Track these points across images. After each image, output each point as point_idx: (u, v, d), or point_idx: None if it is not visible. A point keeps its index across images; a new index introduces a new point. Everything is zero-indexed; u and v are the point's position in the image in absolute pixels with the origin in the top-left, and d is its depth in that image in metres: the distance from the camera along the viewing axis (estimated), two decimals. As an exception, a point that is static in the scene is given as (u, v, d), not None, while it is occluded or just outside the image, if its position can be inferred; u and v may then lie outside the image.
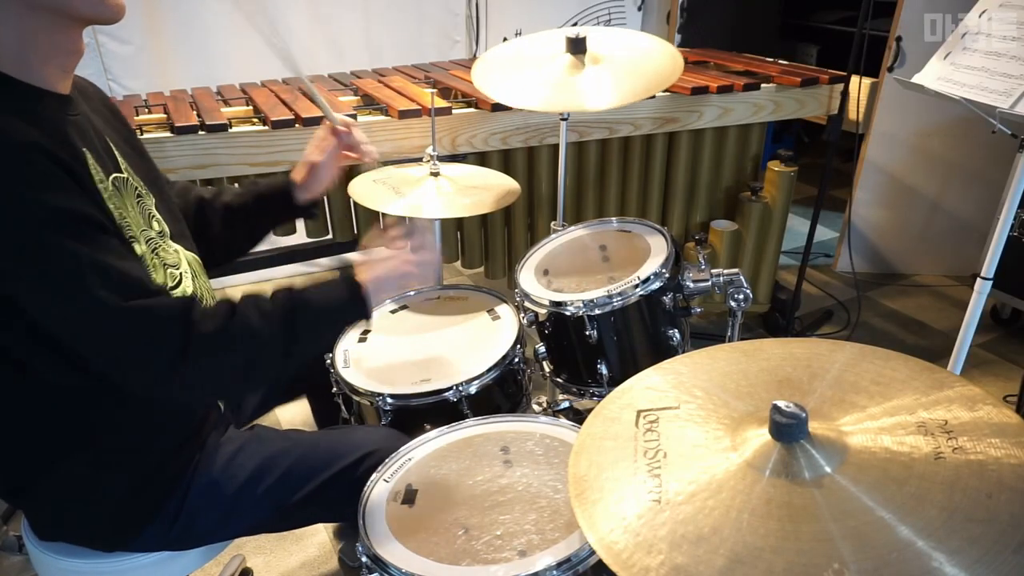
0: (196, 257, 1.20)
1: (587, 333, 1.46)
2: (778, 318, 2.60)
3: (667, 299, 1.48)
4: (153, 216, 1.10)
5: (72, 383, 1.01)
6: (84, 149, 0.97)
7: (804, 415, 0.74)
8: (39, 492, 1.09)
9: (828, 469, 0.73)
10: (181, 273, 1.12)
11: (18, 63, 0.93)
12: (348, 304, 1.10)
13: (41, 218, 0.87)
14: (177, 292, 1.09)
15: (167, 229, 1.13)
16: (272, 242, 1.93)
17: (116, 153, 1.07)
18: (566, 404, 1.55)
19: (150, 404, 1.08)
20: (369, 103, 2.12)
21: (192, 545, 1.19)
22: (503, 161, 2.13)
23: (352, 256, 1.17)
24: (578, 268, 1.62)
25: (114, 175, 1.03)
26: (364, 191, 1.69)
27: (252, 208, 1.37)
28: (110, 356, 0.93)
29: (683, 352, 1.27)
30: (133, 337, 0.92)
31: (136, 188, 1.08)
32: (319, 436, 1.28)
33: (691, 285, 1.51)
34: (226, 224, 1.35)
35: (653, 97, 2.15)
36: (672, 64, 1.65)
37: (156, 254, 1.06)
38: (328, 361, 1.47)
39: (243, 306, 1.01)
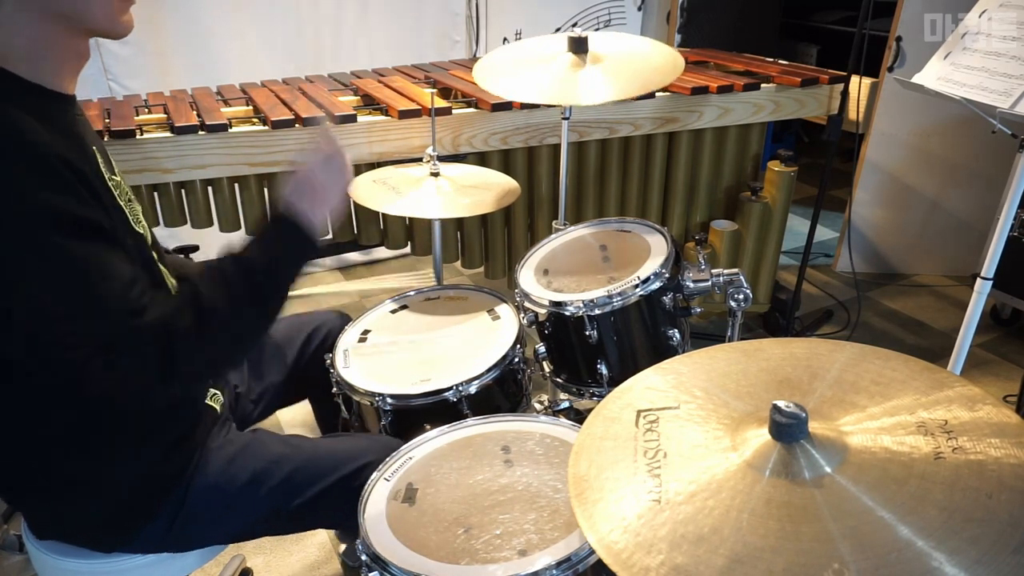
0: None
1: (587, 333, 1.46)
2: (778, 318, 2.60)
3: (667, 299, 1.48)
4: (139, 222, 1.11)
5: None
6: (93, 148, 0.99)
7: (804, 415, 0.74)
8: (36, 491, 1.09)
9: (828, 469, 0.73)
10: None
11: (31, 66, 0.95)
12: (292, 240, 1.05)
13: (38, 220, 0.87)
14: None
15: (148, 236, 1.14)
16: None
17: (108, 156, 1.08)
18: (566, 404, 1.55)
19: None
20: (369, 103, 2.12)
21: (191, 547, 1.19)
22: (503, 161, 2.13)
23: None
24: (578, 268, 1.62)
25: (113, 177, 1.04)
26: (364, 191, 1.69)
27: None
28: (102, 387, 0.91)
29: (683, 352, 1.26)
30: (119, 362, 0.90)
31: (127, 192, 1.09)
32: (320, 443, 1.28)
33: (691, 285, 1.51)
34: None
35: (653, 97, 2.15)
36: (672, 62, 1.65)
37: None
38: (328, 361, 1.47)
39: (205, 288, 0.98)
